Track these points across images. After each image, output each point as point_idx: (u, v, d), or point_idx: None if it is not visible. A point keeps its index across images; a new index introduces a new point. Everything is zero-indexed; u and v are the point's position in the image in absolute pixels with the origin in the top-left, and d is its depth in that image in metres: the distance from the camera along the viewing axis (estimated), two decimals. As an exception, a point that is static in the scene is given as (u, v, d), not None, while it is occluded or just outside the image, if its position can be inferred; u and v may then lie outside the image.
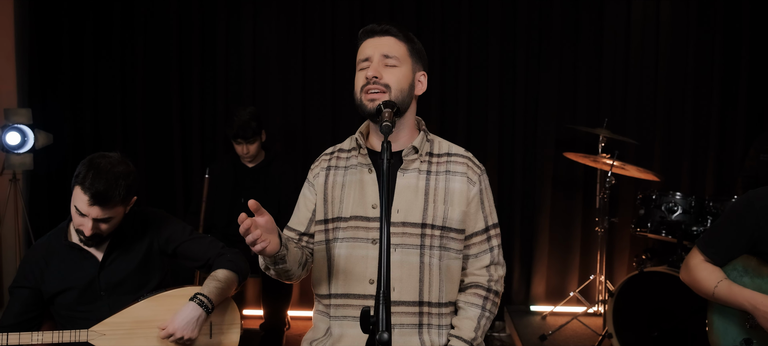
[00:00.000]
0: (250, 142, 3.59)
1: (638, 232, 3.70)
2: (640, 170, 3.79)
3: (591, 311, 4.13)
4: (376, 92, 1.79)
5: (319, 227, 1.91)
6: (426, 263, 1.81)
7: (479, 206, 1.89)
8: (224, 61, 4.39)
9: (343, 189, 1.89)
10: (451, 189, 1.85)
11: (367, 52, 1.84)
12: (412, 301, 1.81)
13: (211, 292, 2.26)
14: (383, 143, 1.54)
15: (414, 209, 1.81)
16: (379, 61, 1.81)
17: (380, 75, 1.80)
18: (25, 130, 3.69)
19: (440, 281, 1.83)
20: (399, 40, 1.85)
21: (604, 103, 4.31)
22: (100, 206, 2.12)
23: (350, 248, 1.83)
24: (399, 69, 1.82)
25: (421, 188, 1.84)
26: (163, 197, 4.37)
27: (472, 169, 1.89)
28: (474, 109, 4.37)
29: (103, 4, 4.36)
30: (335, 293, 1.86)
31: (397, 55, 1.82)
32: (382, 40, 1.84)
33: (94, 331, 2.19)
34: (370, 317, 1.43)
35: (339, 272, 1.85)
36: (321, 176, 1.95)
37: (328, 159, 1.97)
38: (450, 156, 1.90)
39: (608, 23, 4.29)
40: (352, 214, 1.84)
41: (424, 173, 1.86)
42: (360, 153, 1.89)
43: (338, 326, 1.85)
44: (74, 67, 4.39)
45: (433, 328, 1.84)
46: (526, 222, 4.41)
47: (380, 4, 4.32)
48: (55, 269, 2.27)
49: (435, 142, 1.93)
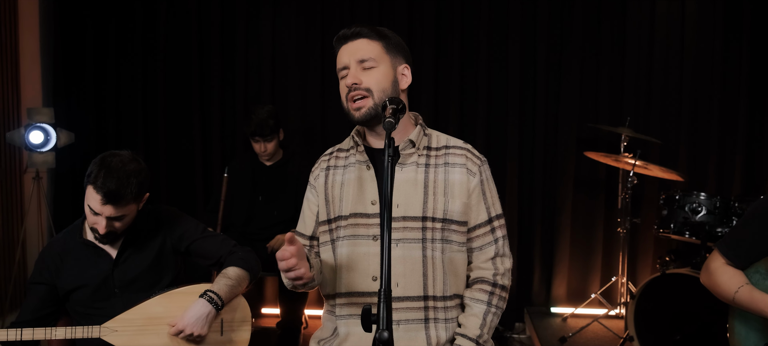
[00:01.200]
0: (267, 140, 3.60)
1: (661, 233, 3.62)
2: (663, 170, 3.71)
3: (612, 314, 4.05)
4: (360, 99, 1.80)
5: (323, 228, 1.91)
6: (428, 256, 1.80)
7: (481, 197, 1.86)
8: (244, 60, 4.42)
9: (343, 187, 1.88)
10: (450, 181, 1.83)
11: (344, 59, 1.84)
12: (417, 296, 1.79)
13: (221, 289, 2.26)
14: (386, 140, 1.52)
15: (414, 203, 1.80)
16: (356, 66, 1.82)
17: (359, 80, 1.80)
18: (47, 129, 3.75)
19: (444, 274, 1.82)
20: (372, 39, 1.84)
21: (627, 101, 4.23)
22: (113, 204, 2.13)
23: (352, 246, 1.82)
24: (377, 69, 1.82)
25: (420, 182, 1.82)
26: (183, 195, 4.41)
27: (471, 160, 1.87)
28: (494, 108, 4.32)
29: (125, 6, 4.42)
30: (339, 293, 1.85)
31: (372, 56, 1.82)
32: (355, 44, 1.83)
33: (106, 327, 2.21)
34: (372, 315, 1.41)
35: (342, 270, 1.84)
36: (321, 177, 1.95)
37: (328, 159, 1.98)
38: (448, 148, 1.88)
39: (631, 20, 4.21)
40: (352, 211, 1.83)
41: (423, 167, 1.84)
42: (358, 151, 1.88)
43: (344, 325, 1.85)
44: (97, 67, 4.46)
45: (439, 322, 1.82)
46: (547, 223, 4.34)
47: (399, 5, 4.30)
48: (70, 266, 2.29)
49: (433, 136, 1.92)
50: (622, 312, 3.98)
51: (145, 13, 4.42)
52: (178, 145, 4.47)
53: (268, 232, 3.65)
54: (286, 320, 3.66)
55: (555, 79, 4.29)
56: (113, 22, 4.42)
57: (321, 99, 4.38)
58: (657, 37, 4.20)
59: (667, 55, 4.20)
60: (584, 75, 4.26)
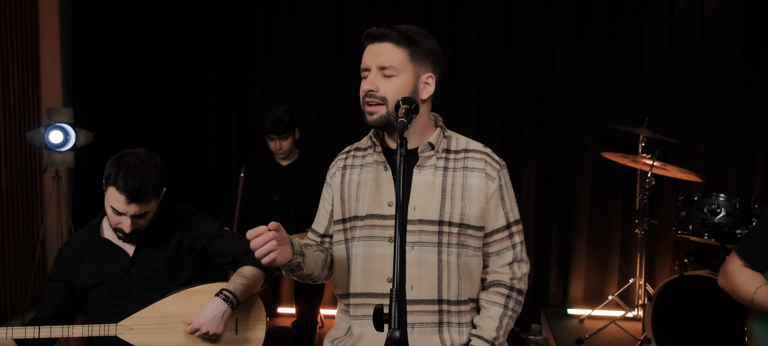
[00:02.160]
0: (282, 138, 3.61)
1: (679, 234, 3.58)
2: (681, 171, 3.67)
3: (630, 315, 4.01)
4: (374, 105, 1.77)
5: (338, 227, 1.91)
6: (444, 260, 1.78)
7: (499, 202, 1.85)
8: (261, 61, 4.44)
9: (359, 188, 1.87)
10: (468, 185, 1.81)
11: (367, 61, 1.81)
12: (431, 299, 1.78)
13: (236, 288, 2.27)
14: (399, 139, 1.52)
15: (431, 206, 1.78)
16: (376, 72, 1.78)
17: (376, 88, 1.77)
18: (67, 129, 3.80)
19: (459, 279, 1.80)
20: (398, 45, 1.78)
21: (645, 101, 4.18)
22: (136, 202, 2.16)
23: (367, 247, 1.82)
24: (396, 79, 1.77)
25: (437, 185, 1.80)
26: (200, 194, 4.46)
27: (490, 164, 1.84)
28: (510, 109, 4.30)
29: (144, 8, 4.47)
30: (354, 293, 1.85)
31: (393, 64, 1.76)
32: (380, 47, 1.78)
33: (122, 325, 2.23)
34: (384, 315, 1.42)
35: (357, 271, 1.84)
36: (337, 176, 1.94)
37: (345, 158, 1.97)
38: (468, 152, 1.86)
39: (650, 19, 4.16)
40: (368, 212, 1.82)
41: (441, 170, 1.82)
42: (375, 151, 1.87)
43: (358, 325, 1.84)
44: (116, 68, 4.51)
45: (452, 326, 1.81)
46: (564, 224, 4.31)
47: (415, 6, 4.30)
48: (87, 264, 2.32)
49: (452, 139, 1.89)
50: (640, 314, 3.94)
51: (162, 14, 4.47)
52: (196, 145, 4.51)
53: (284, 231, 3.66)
54: (301, 319, 3.67)
55: (572, 80, 4.26)
56: (132, 24, 4.47)
57: (337, 99, 4.39)
58: (676, 36, 4.14)
59: (686, 54, 4.15)
60: (602, 75, 4.23)
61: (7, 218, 3.93)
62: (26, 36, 4.08)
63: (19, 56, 4.01)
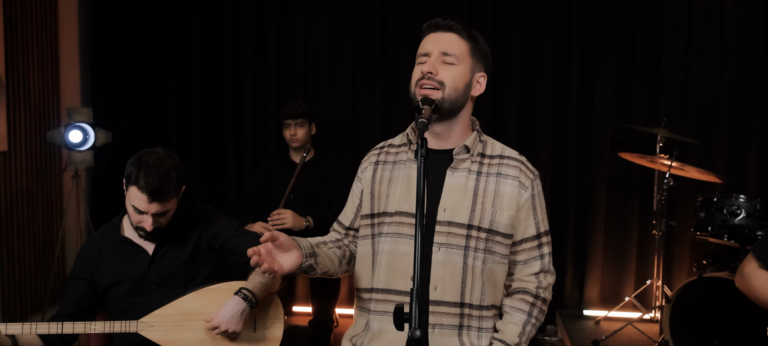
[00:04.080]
0: (298, 125, 3.63)
1: (698, 236, 3.55)
2: (700, 172, 3.64)
3: (647, 317, 3.98)
4: (430, 88, 1.77)
5: (365, 222, 1.91)
6: (469, 264, 1.78)
7: (531, 212, 1.84)
8: (276, 61, 4.46)
9: (390, 184, 1.87)
10: (501, 192, 1.80)
11: (427, 47, 1.81)
12: (454, 302, 1.78)
13: (255, 286, 2.29)
14: (419, 140, 1.52)
15: (461, 209, 1.78)
16: (438, 57, 1.79)
17: (436, 71, 1.77)
18: (86, 128, 3.84)
19: (483, 284, 1.80)
20: (462, 37, 1.82)
21: (662, 101, 4.15)
22: (158, 201, 2.19)
23: (394, 244, 1.82)
24: (456, 67, 1.79)
25: (470, 189, 1.80)
26: (216, 193, 4.49)
27: (524, 173, 1.84)
28: (526, 108, 4.29)
29: (161, 8, 4.51)
30: (377, 288, 1.85)
31: (456, 53, 1.79)
32: (445, 36, 1.81)
33: (143, 322, 2.25)
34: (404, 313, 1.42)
35: (381, 267, 1.83)
36: (368, 171, 1.94)
37: (378, 154, 1.97)
38: (502, 158, 1.86)
39: (668, 19, 4.13)
40: (398, 209, 1.82)
41: (475, 174, 1.82)
42: (410, 149, 1.87)
43: (378, 320, 1.84)
44: (133, 68, 4.56)
45: (473, 330, 1.80)
46: (580, 224, 4.29)
47: (431, 4, 4.30)
48: (108, 262, 2.35)
49: (488, 144, 1.89)
50: (657, 316, 3.91)
51: (180, 14, 4.51)
52: (212, 144, 4.54)
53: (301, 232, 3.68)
54: (317, 318, 3.68)
55: (588, 80, 4.23)
56: (149, 24, 4.51)
57: (352, 99, 4.40)
58: (694, 36, 4.11)
59: (704, 54, 4.11)
60: (619, 75, 4.20)
61: (28, 216, 3.98)
62: (46, 36, 4.13)
63: (39, 56, 4.06)
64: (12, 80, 3.82)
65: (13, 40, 3.83)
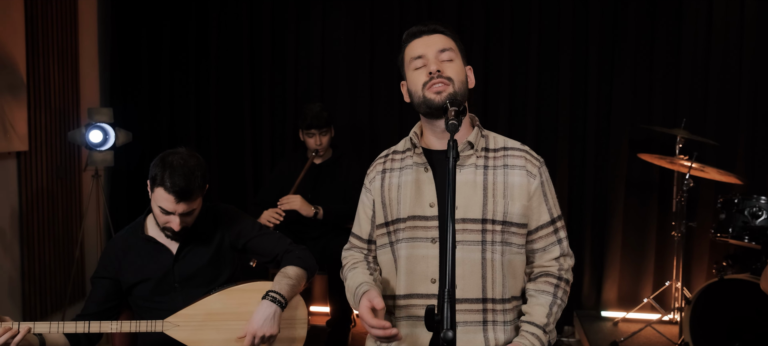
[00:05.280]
0: (322, 134, 3.65)
1: (718, 237, 3.53)
2: (721, 173, 3.61)
3: (666, 319, 3.96)
4: (441, 84, 1.78)
5: (381, 231, 1.93)
6: (488, 259, 1.79)
7: (542, 199, 1.86)
8: (293, 61, 4.48)
9: (400, 190, 1.88)
10: (510, 183, 1.82)
11: (419, 50, 1.83)
12: (476, 298, 1.79)
13: (283, 288, 2.29)
14: (449, 142, 1.53)
15: (473, 205, 1.80)
16: (436, 56, 1.81)
17: (442, 69, 1.79)
18: (106, 128, 3.87)
19: (503, 277, 1.81)
20: (448, 36, 1.85)
21: (681, 102, 4.12)
22: (185, 201, 2.21)
23: (410, 249, 1.83)
24: (455, 63, 1.83)
25: (479, 183, 1.81)
26: (234, 193, 4.52)
27: (530, 161, 1.86)
28: (544, 109, 4.28)
29: (179, 8, 4.53)
30: (399, 294, 1.86)
31: (451, 47, 1.83)
32: (433, 37, 1.84)
33: (169, 322, 2.27)
34: (435, 315, 1.43)
35: (401, 272, 1.85)
36: (377, 180, 1.96)
37: (383, 162, 1.98)
38: (507, 150, 1.87)
39: (688, 19, 4.10)
40: (410, 214, 1.84)
41: (482, 168, 1.83)
42: (415, 153, 1.88)
43: (402, 326, 1.86)
44: (152, 68, 4.59)
45: (497, 325, 1.82)
46: (598, 225, 4.27)
47: (449, 5, 4.30)
48: (132, 261, 2.36)
49: (490, 138, 1.91)
50: (676, 317, 3.89)
51: (198, 14, 4.53)
52: (229, 144, 4.57)
53: (317, 231, 3.69)
54: (335, 318, 3.69)
55: (607, 80, 4.21)
56: (167, 25, 4.54)
57: (370, 99, 4.41)
58: (714, 36, 4.08)
59: (724, 54, 4.08)
60: (637, 76, 4.18)
61: (48, 216, 4.01)
62: (66, 37, 4.16)
63: (59, 56, 4.09)
64: (33, 80, 3.85)
65: (34, 41, 3.86)
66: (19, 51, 3.71)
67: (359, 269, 1.95)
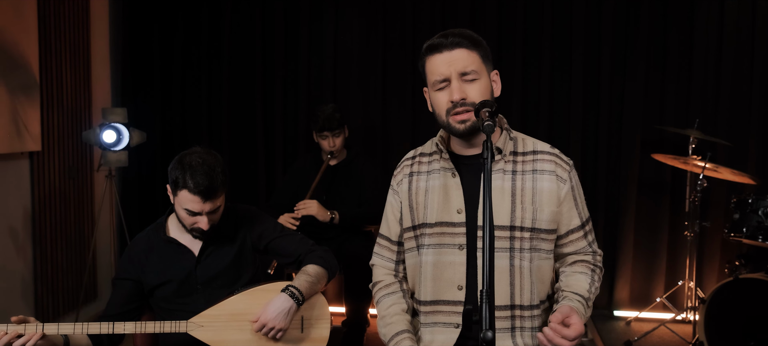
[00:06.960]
0: (336, 135, 3.64)
1: (732, 237, 3.54)
2: (734, 173, 3.62)
3: (679, 318, 3.97)
4: (465, 113, 1.74)
5: (408, 234, 1.91)
6: (516, 266, 1.78)
7: (573, 204, 1.85)
8: (306, 62, 4.48)
9: (427, 194, 1.86)
10: (539, 189, 1.80)
11: (442, 70, 1.75)
12: (504, 305, 1.78)
13: (301, 285, 2.30)
14: (486, 142, 1.51)
15: (501, 212, 1.77)
16: (458, 79, 1.74)
17: (466, 95, 1.74)
18: (120, 128, 3.86)
19: (532, 283, 1.80)
20: (471, 50, 1.77)
21: (693, 102, 4.13)
22: (210, 199, 2.21)
23: (437, 255, 1.82)
24: (479, 82, 1.76)
25: (507, 189, 1.79)
26: (246, 193, 4.51)
27: (561, 166, 1.83)
28: (556, 109, 4.29)
29: (191, 9, 4.53)
30: (425, 300, 1.86)
31: (474, 68, 1.75)
32: (454, 54, 1.75)
33: (192, 322, 2.27)
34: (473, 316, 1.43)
35: (427, 278, 1.84)
36: (404, 183, 1.93)
37: (411, 164, 1.95)
38: (536, 154, 1.85)
39: (700, 20, 4.11)
40: (437, 220, 1.82)
41: (510, 174, 1.81)
42: (442, 157, 1.86)
43: (429, 332, 1.86)
44: (163, 69, 4.59)
45: (525, 331, 1.81)
46: (610, 225, 4.28)
47: (461, 7, 4.30)
48: (154, 262, 2.36)
49: (518, 140, 1.88)
50: (689, 317, 3.90)
51: (210, 15, 4.53)
52: (241, 145, 4.57)
53: (331, 231, 3.69)
54: (351, 318, 3.69)
55: (619, 81, 4.22)
56: (180, 25, 4.54)
57: (382, 100, 4.42)
58: (726, 37, 4.08)
59: (736, 55, 4.09)
60: (649, 76, 4.19)
61: (60, 216, 4.01)
62: (79, 37, 4.16)
63: (71, 56, 4.09)
64: (46, 80, 3.85)
65: (47, 41, 3.86)
66: (32, 51, 3.71)
67: (395, 299, 1.93)
